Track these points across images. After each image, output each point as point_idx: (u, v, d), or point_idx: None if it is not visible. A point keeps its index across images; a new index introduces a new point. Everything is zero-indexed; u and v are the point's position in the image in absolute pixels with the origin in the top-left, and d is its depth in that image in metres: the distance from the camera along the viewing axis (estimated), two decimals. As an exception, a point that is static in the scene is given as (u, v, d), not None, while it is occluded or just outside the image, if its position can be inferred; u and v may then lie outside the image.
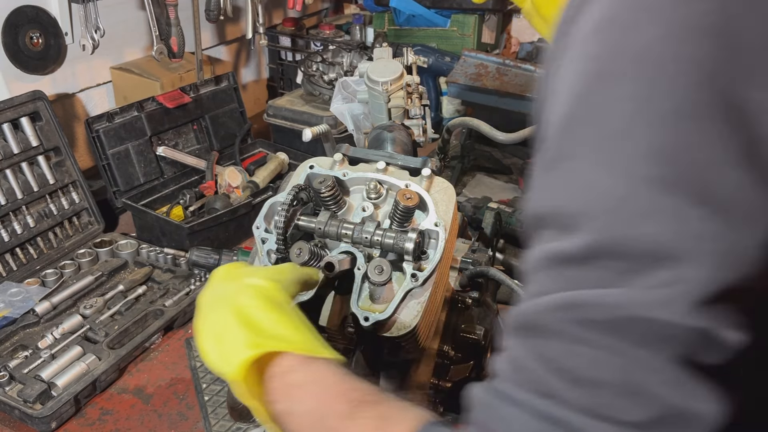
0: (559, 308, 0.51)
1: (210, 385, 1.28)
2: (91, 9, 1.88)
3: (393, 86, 1.37)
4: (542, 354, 0.52)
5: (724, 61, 0.46)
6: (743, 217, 0.47)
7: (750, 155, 0.46)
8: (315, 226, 0.92)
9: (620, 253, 0.49)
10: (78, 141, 2.01)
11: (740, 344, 0.49)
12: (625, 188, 0.48)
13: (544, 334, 0.52)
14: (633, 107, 0.48)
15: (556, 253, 0.52)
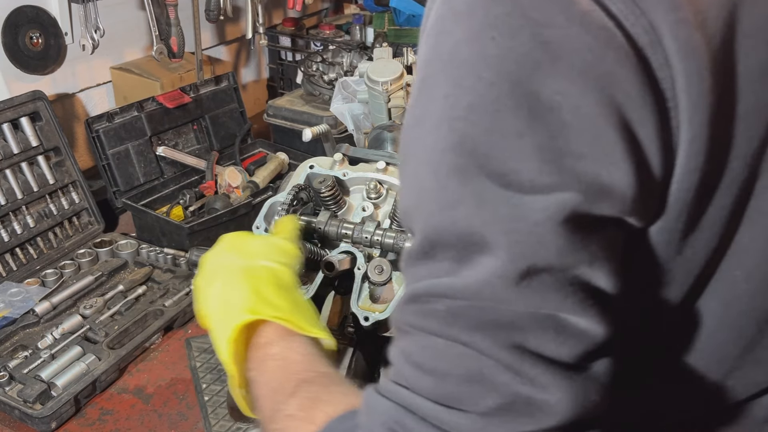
0: (407, 302, 0.54)
1: (210, 385, 1.28)
2: (91, 9, 1.88)
3: (393, 86, 1.37)
4: (402, 348, 0.55)
5: (522, 55, 0.48)
6: (540, 196, 0.48)
7: (549, 137, 0.48)
8: (315, 225, 0.92)
9: (444, 244, 0.52)
10: (78, 141, 2.01)
11: (579, 327, 0.50)
12: (436, 181, 0.51)
13: (401, 329, 0.55)
14: (442, 106, 0.51)
15: (407, 252, 0.56)
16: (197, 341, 1.39)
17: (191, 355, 1.36)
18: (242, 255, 0.81)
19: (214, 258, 0.82)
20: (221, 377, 1.30)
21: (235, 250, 0.82)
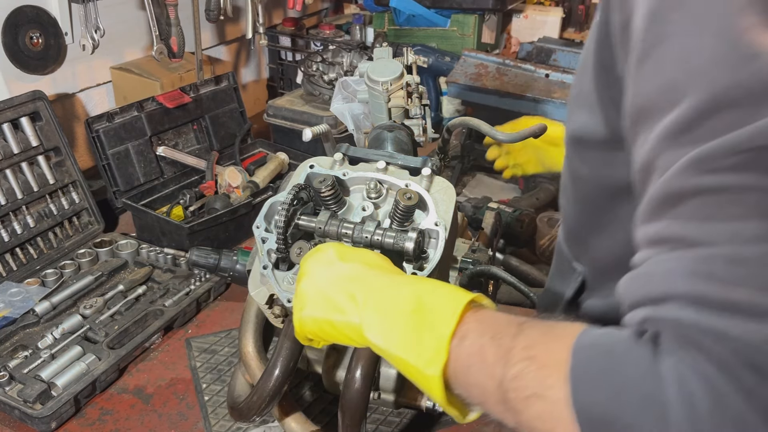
0: (688, 168, 0.54)
1: (210, 385, 1.28)
2: (91, 9, 1.88)
3: (393, 86, 1.36)
4: (679, 214, 0.55)
5: None
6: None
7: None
8: (315, 225, 0.92)
9: (734, 99, 0.52)
10: (78, 141, 2.01)
11: None
12: (727, 41, 0.53)
13: (682, 198, 0.55)
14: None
15: (669, 127, 0.56)
16: (197, 341, 1.39)
17: (191, 355, 1.36)
18: (379, 268, 0.79)
19: (347, 277, 0.76)
20: (221, 377, 1.30)
21: (374, 266, 0.79)
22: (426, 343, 0.67)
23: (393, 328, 0.71)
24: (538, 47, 2.61)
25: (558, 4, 3.05)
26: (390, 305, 0.72)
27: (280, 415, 1.04)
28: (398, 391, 1.09)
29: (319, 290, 0.77)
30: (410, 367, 0.69)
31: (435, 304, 0.70)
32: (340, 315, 0.75)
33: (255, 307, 1.13)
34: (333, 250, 0.81)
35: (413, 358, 0.68)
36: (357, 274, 0.77)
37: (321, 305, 0.77)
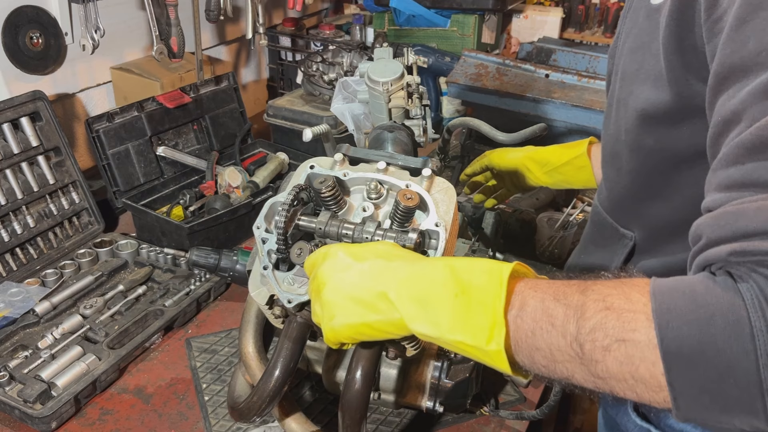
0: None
1: (210, 385, 1.28)
2: (91, 9, 1.88)
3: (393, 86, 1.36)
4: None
5: None
6: None
7: None
8: (315, 226, 0.92)
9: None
10: (78, 141, 2.01)
11: None
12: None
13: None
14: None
15: (765, 82, 0.62)
16: (197, 341, 1.39)
17: (191, 355, 1.36)
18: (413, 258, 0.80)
19: (394, 268, 0.77)
20: (221, 377, 1.30)
21: (412, 260, 0.80)
22: (480, 321, 0.69)
23: (440, 315, 0.71)
24: (538, 47, 2.61)
25: (558, 4, 3.05)
26: (428, 292, 0.73)
27: (280, 415, 1.04)
28: (398, 391, 1.10)
29: (347, 296, 0.77)
30: (468, 347, 0.70)
31: (476, 282, 0.71)
32: (377, 315, 0.75)
33: (255, 307, 1.13)
34: (343, 252, 0.81)
35: (470, 339, 0.70)
36: (380, 270, 0.77)
37: (353, 310, 0.77)
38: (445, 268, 0.74)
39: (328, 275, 0.79)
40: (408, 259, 0.79)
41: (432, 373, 1.10)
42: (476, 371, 1.12)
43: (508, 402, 1.25)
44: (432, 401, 1.11)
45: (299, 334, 0.92)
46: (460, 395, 1.11)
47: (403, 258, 0.80)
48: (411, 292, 0.74)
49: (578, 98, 2.06)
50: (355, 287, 0.77)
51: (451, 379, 1.10)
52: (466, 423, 1.20)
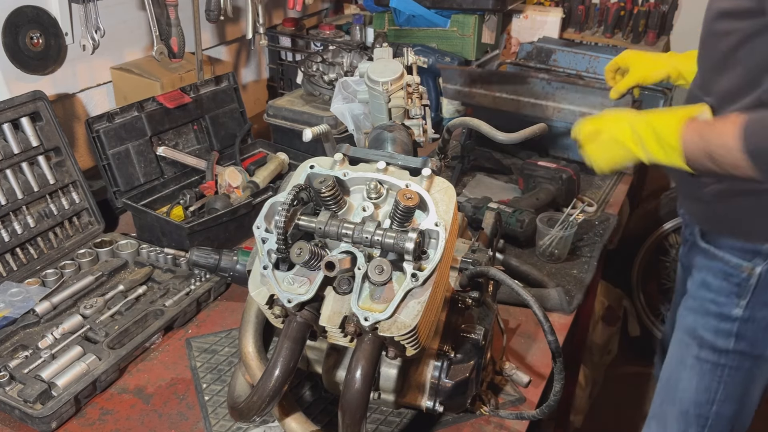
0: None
1: (210, 385, 1.28)
2: (91, 9, 1.88)
3: (393, 86, 1.37)
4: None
5: None
6: None
7: None
8: (315, 226, 0.92)
9: None
10: (78, 141, 2.01)
11: None
12: None
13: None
14: None
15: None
16: (197, 341, 1.39)
17: (191, 355, 1.36)
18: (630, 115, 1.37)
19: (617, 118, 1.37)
20: (221, 377, 1.30)
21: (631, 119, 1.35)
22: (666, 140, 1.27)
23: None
24: (538, 47, 2.61)
25: (558, 4, 3.05)
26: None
27: (280, 415, 1.04)
28: (398, 391, 1.10)
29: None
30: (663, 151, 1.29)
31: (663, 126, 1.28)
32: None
33: (255, 307, 1.13)
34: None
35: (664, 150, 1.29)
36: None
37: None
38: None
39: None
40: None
41: (432, 373, 1.10)
42: (476, 371, 1.12)
43: (508, 402, 1.25)
44: (432, 401, 1.11)
45: (299, 334, 0.92)
46: (460, 395, 1.11)
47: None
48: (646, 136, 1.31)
49: (578, 99, 2.06)
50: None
51: (451, 379, 1.10)
52: (466, 423, 1.20)
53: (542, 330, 1.05)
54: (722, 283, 1.42)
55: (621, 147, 1.33)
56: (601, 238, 1.80)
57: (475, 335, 1.12)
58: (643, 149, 1.30)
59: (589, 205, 1.92)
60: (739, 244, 1.38)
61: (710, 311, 1.45)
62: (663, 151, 1.27)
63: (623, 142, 1.32)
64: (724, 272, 1.42)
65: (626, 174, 2.12)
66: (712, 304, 1.44)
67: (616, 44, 2.95)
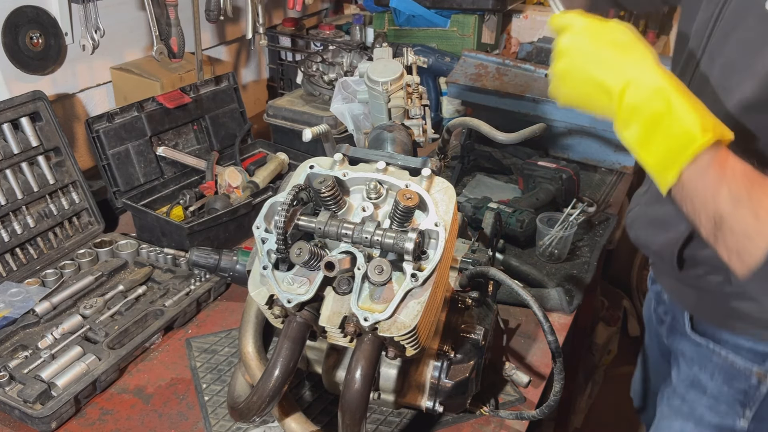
0: None
1: (210, 385, 1.28)
2: (91, 9, 1.88)
3: (393, 86, 1.36)
4: None
5: None
6: None
7: None
8: (315, 226, 0.92)
9: None
10: (78, 141, 2.01)
11: None
12: None
13: None
14: None
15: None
16: (197, 341, 1.39)
17: (191, 355, 1.36)
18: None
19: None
20: (221, 377, 1.30)
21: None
22: (667, 160, 0.84)
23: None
24: (538, 47, 2.60)
25: (558, 4, 3.05)
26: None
27: (280, 415, 1.04)
28: (398, 391, 1.10)
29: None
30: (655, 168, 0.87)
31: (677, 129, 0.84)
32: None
33: (255, 307, 1.13)
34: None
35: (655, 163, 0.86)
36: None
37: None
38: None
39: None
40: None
41: (432, 373, 1.10)
42: (476, 371, 1.12)
43: (508, 402, 1.25)
44: (432, 401, 1.11)
45: (299, 334, 0.92)
46: (460, 395, 1.11)
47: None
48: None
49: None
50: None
51: (451, 379, 1.10)
52: (466, 423, 1.20)
53: (542, 330, 1.05)
54: (722, 387, 1.12)
55: (601, 94, 0.89)
56: (601, 238, 1.80)
57: (475, 335, 1.12)
58: (626, 123, 0.87)
59: (589, 205, 1.92)
60: (749, 343, 1.07)
61: (705, 420, 1.16)
62: (657, 154, 0.85)
63: (609, 91, 0.87)
64: (725, 373, 1.11)
65: (626, 174, 2.12)
66: (709, 411, 1.15)
67: (616, 44, 2.95)
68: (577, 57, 0.91)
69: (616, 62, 0.87)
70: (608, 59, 0.88)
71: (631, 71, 0.86)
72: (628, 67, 0.86)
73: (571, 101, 0.94)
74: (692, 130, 0.81)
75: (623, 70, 0.86)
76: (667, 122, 0.82)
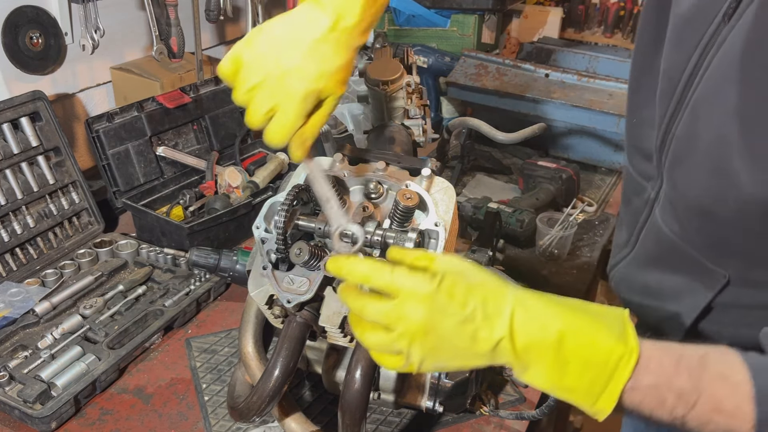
0: None
1: (210, 385, 1.28)
2: (91, 9, 1.88)
3: (393, 86, 1.37)
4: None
5: None
6: None
7: None
8: (315, 226, 0.92)
9: None
10: (78, 141, 2.01)
11: None
12: None
13: None
14: None
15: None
16: (197, 341, 1.39)
17: (191, 355, 1.36)
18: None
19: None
20: (221, 377, 1.30)
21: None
22: (598, 392, 0.73)
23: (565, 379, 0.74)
24: (538, 47, 2.61)
25: (558, 4, 3.05)
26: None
27: (280, 415, 1.04)
28: (398, 391, 1.10)
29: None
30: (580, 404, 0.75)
31: (592, 354, 0.73)
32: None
33: (255, 307, 1.13)
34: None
35: (584, 403, 0.74)
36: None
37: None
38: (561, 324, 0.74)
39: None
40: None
41: (432, 373, 1.10)
42: (476, 371, 1.12)
43: (508, 402, 1.25)
44: (432, 401, 1.11)
45: (299, 333, 0.92)
46: (460, 395, 1.11)
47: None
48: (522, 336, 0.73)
49: (578, 98, 2.06)
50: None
51: (451, 379, 1.10)
52: (466, 423, 1.20)
53: (542, 330, 1.05)
54: None
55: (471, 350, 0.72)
56: (601, 238, 1.80)
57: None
58: (525, 362, 0.73)
59: (589, 205, 1.92)
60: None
61: None
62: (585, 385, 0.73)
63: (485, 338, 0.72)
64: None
65: (626, 174, 2.12)
66: None
67: (616, 44, 2.95)
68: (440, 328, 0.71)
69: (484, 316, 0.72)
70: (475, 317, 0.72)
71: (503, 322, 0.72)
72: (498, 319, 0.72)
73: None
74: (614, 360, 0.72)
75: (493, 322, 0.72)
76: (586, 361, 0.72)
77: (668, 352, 0.76)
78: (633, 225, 1.13)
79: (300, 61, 0.84)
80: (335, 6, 0.86)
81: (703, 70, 0.89)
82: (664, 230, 1.04)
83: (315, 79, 0.84)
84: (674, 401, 0.74)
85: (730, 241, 0.94)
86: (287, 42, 0.84)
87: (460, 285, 0.72)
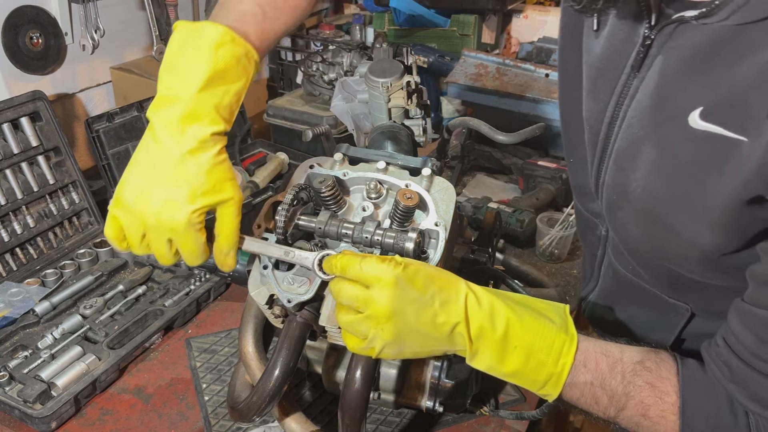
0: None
1: (210, 385, 1.28)
2: (91, 9, 1.88)
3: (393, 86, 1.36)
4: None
5: None
6: None
7: None
8: (315, 225, 0.92)
9: None
10: (78, 141, 2.01)
11: None
12: None
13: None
14: None
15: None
16: (197, 341, 1.39)
17: (191, 355, 1.36)
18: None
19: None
20: (221, 377, 1.30)
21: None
22: (543, 379, 0.83)
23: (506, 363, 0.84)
24: (538, 47, 2.60)
25: (558, 4, 3.05)
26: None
27: (280, 415, 1.04)
28: (398, 391, 1.10)
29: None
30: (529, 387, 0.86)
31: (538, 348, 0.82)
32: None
33: (255, 307, 1.13)
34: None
35: (532, 387, 0.86)
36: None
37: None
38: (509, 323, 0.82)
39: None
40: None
41: (432, 373, 1.10)
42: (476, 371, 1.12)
43: (508, 402, 1.25)
44: (432, 401, 1.11)
45: (299, 333, 0.92)
46: (460, 395, 1.11)
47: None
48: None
49: (578, 98, 2.05)
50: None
51: (451, 379, 1.10)
52: (466, 423, 1.20)
53: (542, 330, 1.05)
54: None
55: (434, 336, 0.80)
56: (601, 238, 1.80)
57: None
58: (476, 346, 0.82)
59: (589, 205, 1.92)
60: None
61: None
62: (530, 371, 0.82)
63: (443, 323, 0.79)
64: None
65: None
66: None
67: (616, 44, 2.95)
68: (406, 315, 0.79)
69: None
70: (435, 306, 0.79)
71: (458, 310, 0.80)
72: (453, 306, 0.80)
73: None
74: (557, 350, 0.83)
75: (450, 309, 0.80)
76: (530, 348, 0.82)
77: (607, 353, 0.84)
78: (593, 260, 1.16)
79: (167, 194, 0.83)
80: (179, 116, 0.88)
81: (620, 121, 0.88)
82: (619, 269, 1.07)
83: (187, 202, 0.82)
84: (607, 402, 0.82)
85: (682, 280, 0.93)
86: (149, 180, 0.86)
87: (420, 273, 0.80)
